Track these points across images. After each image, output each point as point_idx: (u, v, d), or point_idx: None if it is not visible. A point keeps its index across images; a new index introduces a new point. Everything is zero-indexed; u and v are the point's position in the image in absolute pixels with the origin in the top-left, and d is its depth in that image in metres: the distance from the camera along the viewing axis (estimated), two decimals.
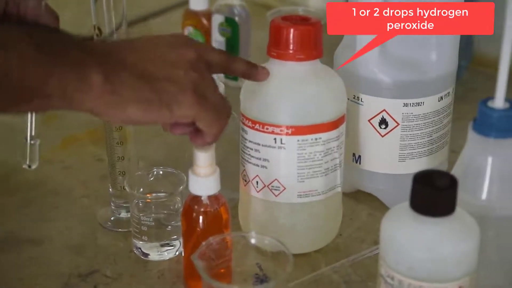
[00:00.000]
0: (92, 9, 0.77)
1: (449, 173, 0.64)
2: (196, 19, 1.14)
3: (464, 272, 0.63)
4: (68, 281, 0.77)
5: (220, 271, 0.70)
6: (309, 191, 0.77)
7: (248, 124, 0.76)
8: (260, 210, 0.79)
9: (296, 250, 0.75)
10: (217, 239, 0.69)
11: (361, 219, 0.86)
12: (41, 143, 1.00)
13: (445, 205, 0.63)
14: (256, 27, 1.15)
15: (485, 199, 0.67)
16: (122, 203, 0.85)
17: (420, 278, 0.63)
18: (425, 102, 0.82)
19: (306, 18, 0.76)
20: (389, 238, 0.65)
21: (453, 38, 0.82)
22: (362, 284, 0.76)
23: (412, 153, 0.84)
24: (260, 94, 0.75)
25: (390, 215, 0.66)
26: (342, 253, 0.81)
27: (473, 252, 0.64)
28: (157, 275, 0.78)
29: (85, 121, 1.04)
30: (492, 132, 0.66)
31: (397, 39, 0.82)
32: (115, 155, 0.83)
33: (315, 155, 0.76)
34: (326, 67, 0.78)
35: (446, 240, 0.63)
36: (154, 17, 1.37)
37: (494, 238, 0.68)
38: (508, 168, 0.67)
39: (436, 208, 0.63)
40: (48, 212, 0.88)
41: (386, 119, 0.82)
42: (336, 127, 0.76)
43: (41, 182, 0.93)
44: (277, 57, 0.75)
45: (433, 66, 0.82)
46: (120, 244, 0.82)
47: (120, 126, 0.81)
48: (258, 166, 0.77)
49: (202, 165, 0.72)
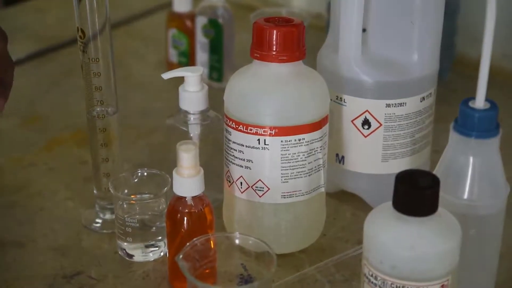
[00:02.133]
0: (76, 10, 0.77)
1: (431, 173, 0.64)
2: (179, 21, 1.14)
3: (446, 271, 0.64)
4: (53, 282, 0.77)
5: (205, 272, 0.70)
6: (292, 191, 0.77)
7: (232, 125, 0.76)
8: (244, 210, 0.79)
9: (280, 250, 0.75)
10: (202, 240, 0.69)
11: (345, 219, 0.86)
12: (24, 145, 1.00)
13: (427, 204, 0.63)
14: (240, 28, 1.15)
15: (466, 198, 0.68)
16: (106, 205, 0.85)
17: (403, 277, 0.63)
18: (407, 103, 0.82)
19: (289, 19, 0.76)
20: (373, 238, 0.65)
21: (434, 39, 0.83)
22: (346, 283, 0.77)
23: (395, 153, 0.84)
24: (243, 95, 0.75)
25: (373, 215, 0.66)
26: (326, 253, 0.81)
27: (455, 251, 0.64)
28: (142, 276, 0.78)
29: (70, 124, 1.04)
30: (473, 132, 0.67)
31: (379, 40, 0.83)
32: (100, 157, 0.83)
33: (299, 156, 0.76)
34: (309, 68, 0.78)
35: (429, 239, 0.63)
36: (137, 19, 1.37)
37: (475, 237, 0.68)
38: (488, 168, 0.68)
39: (419, 208, 0.63)
40: (32, 214, 0.87)
41: (369, 119, 0.83)
42: (319, 127, 0.76)
43: (25, 184, 0.93)
44: (260, 58, 0.75)
45: (415, 67, 0.82)
46: (105, 245, 0.82)
47: (104, 128, 0.81)
48: (242, 167, 0.77)
49: (186, 166, 0.72)
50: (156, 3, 1.40)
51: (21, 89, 1.15)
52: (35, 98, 1.12)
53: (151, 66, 1.22)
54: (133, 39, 1.31)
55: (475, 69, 0.67)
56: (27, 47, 1.27)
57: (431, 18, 0.81)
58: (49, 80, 1.18)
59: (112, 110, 0.82)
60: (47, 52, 1.26)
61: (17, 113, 1.08)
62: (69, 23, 0.88)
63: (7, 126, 1.05)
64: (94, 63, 0.79)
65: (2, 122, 1.06)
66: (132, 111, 1.07)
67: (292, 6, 1.36)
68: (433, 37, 0.83)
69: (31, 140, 1.02)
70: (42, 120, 1.07)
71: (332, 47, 0.83)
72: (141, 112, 1.08)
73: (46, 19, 1.40)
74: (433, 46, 0.83)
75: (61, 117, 1.07)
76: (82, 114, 0.83)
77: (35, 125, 1.06)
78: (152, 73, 1.19)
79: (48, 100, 1.12)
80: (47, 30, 1.35)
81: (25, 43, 1.28)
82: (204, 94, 0.83)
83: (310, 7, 1.33)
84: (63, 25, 1.33)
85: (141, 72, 1.20)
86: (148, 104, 1.11)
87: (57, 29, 1.33)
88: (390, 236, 0.64)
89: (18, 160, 0.98)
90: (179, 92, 0.83)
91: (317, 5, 1.31)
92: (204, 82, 0.83)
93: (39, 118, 1.07)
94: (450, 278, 0.64)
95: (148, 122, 1.06)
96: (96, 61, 0.79)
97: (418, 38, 0.81)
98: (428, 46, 0.82)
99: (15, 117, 1.07)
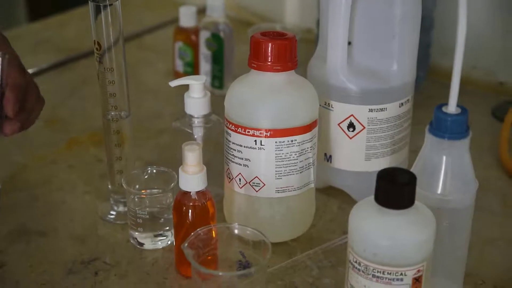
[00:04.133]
0: (92, 26, 0.77)
1: (409, 170, 0.64)
2: (185, 35, 1.14)
3: (422, 258, 0.64)
4: (72, 267, 0.77)
5: (207, 258, 0.70)
6: (286, 187, 0.77)
7: (232, 128, 0.76)
8: (242, 204, 0.79)
9: (275, 239, 0.75)
10: (204, 230, 0.69)
11: (332, 211, 0.86)
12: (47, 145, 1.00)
13: (405, 199, 0.63)
14: (239, 41, 1.15)
15: (440, 193, 0.68)
16: (120, 199, 0.85)
17: (384, 263, 0.63)
18: (387, 108, 0.82)
19: (283, 33, 0.76)
20: (357, 228, 0.65)
21: (412, 52, 0.83)
22: (333, 269, 0.77)
23: (377, 153, 0.84)
24: (242, 101, 0.75)
25: (357, 208, 0.66)
26: (315, 241, 0.81)
27: (430, 240, 0.64)
28: (152, 262, 0.78)
29: (87, 126, 1.04)
30: (446, 134, 0.66)
31: (363, 52, 0.82)
32: (114, 156, 0.83)
33: (291, 155, 0.76)
34: (300, 77, 0.78)
35: (406, 229, 0.63)
36: (148, 33, 1.37)
37: (447, 227, 0.68)
38: (460, 166, 0.68)
39: (398, 202, 0.63)
40: (54, 207, 0.87)
41: (354, 123, 0.83)
42: (309, 130, 0.76)
43: (47, 179, 0.92)
44: (257, 68, 0.75)
45: (394, 76, 0.82)
46: (118, 234, 0.82)
47: (118, 130, 0.81)
48: (240, 165, 0.77)
49: (191, 164, 0.72)
50: (164, 19, 1.40)
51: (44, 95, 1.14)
52: (56, 103, 1.12)
53: (160, 75, 1.22)
54: (144, 51, 1.30)
55: (448, 78, 0.67)
56: (49, 57, 1.26)
57: (409, 33, 0.81)
58: (69, 87, 1.17)
59: (125, 114, 0.81)
60: (67, 62, 1.25)
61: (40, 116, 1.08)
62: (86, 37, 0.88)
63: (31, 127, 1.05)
64: (109, 72, 0.79)
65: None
66: (142, 115, 1.07)
67: (285, 22, 1.35)
68: (411, 50, 0.83)
69: (52, 140, 1.02)
70: (63, 122, 1.06)
71: (321, 58, 0.83)
72: (151, 116, 1.08)
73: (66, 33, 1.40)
74: (411, 57, 0.83)
75: (80, 120, 1.07)
76: (98, 117, 0.83)
77: (56, 127, 1.05)
78: (161, 81, 1.19)
79: (68, 105, 1.12)
80: (67, 42, 1.34)
81: (48, 54, 1.28)
82: (207, 100, 0.83)
83: (301, 23, 1.33)
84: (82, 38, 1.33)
85: (151, 80, 1.20)
86: (157, 108, 1.11)
87: (76, 42, 1.33)
88: (372, 227, 0.64)
89: (41, 158, 0.97)
90: (185, 98, 0.83)
91: (308, 21, 1.31)
92: (207, 89, 0.83)
93: (60, 121, 1.07)
94: (425, 264, 0.64)
95: (157, 125, 1.05)
96: (111, 71, 0.78)
97: (398, 51, 0.81)
98: (406, 58, 0.82)
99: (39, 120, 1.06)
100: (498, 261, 0.78)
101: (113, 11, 0.76)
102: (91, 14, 0.76)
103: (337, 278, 0.75)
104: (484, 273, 0.76)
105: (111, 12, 0.76)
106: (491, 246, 0.80)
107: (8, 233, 0.82)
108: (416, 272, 0.64)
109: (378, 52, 0.82)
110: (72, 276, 0.76)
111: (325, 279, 0.75)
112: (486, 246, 0.80)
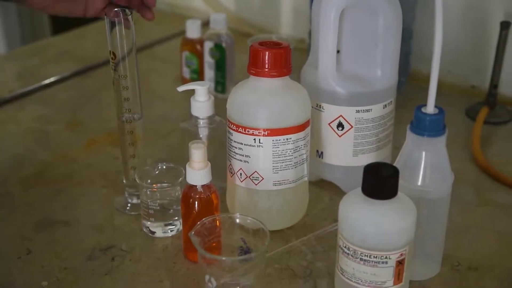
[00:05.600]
0: (108, 37, 0.76)
1: (392, 165, 0.64)
2: (191, 45, 1.14)
3: (404, 243, 0.64)
4: (92, 253, 0.76)
5: (212, 245, 0.69)
6: (282, 180, 0.77)
7: (233, 128, 0.76)
8: (243, 196, 0.79)
9: (272, 227, 0.75)
10: (209, 220, 0.69)
11: (324, 202, 0.86)
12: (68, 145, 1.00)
13: (389, 190, 0.63)
14: (239, 50, 1.15)
15: (420, 185, 0.68)
16: (133, 192, 0.84)
17: (370, 248, 0.63)
18: (373, 109, 0.82)
19: (278, 43, 0.76)
20: (346, 217, 0.65)
21: (394, 59, 0.83)
22: (325, 253, 0.76)
23: (363, 149, 0.84)
24: (242, 104, 0.75)
25: (346, 198, 0.66)
26: (309, 229, 0.81)
27: (411, 227, 0.64)
28: (162, 249, 0.78)
29: (104, 127, 1.04)
30: (425, 132, 0.66)
31: (350, 60, 0.82)
32: (128, 153, 0.82)
33: (287, 152, 0.76)
34: (294, 82, 0.77)
35: (390, 217, 0.63)
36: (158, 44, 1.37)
37: (427, 215, 0.68)
38: (437, 160, 0.68)
39: (382, 193, 0.63)
40: (75, 200, 0.87)
41: (342, 122, 0.82)
42: (303, 129, 0.76)
43: (69, 176, 0.92)
44: (255, 74, 0.75)
45: (378, 80, 0.82)
46: (133, 224, 0.82)
47: (131, 131, 0.81)
48: (241, 161, 0.77)
49: (197, 161, 0.71)
50: (172, 31, 1.39)
51: (66, 100, 1.14)
52: (77, 107, 1.12)
53: (169, 81, 1.21)
54: (154, 60, 1.30)
55: (426, 83, 0.67)
56: (70, 67, 1.26)
57: (391, 43, 0.81)
58: (87, 93, 1.17)
59: (138, 116, 0.81)
60: (86, 71, 1.25)
61: (62, 119, 1.08)
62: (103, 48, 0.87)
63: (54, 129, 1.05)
64: (123, 79, 0.78)
65: (50, 126, 1.05)
66: (153, 117, 1.07)
67: (281, 32, 1.35)
68: (393, 58, 0.82)
69: (73, 140, 1.02)
70: (82, 124, 1.06)
71: (313, 65, 0.83)
72: (161, 118, 1.08)
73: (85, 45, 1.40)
74: (393, 64, 0.83)
75: (97, 122, 1.07)
76: (113, 120, 0.83)
77: (77, 128, 1.05)
78: (170, 86, 1.18)
79: (87, 109, 1.12)
80: (86, 53, 1.34)
81: (69, 64, 1.28)
82: (211, 103, 0.82)
83: (295, 34, 1.33)
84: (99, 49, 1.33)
85: (161, 86, 1.20)
86: (166, 111, 1.11)
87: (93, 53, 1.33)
88: (359, 215, 0.64)
89: (63, 156, 0.97)
90: (191, 101, 0.82)
91: (301, 32, 1.30)
92: (211, 93, 0.83)
93: (79, 123, 1.07)
94: (407, 248, 0.64)
95: (166, 126, 1.05)
96: (125, 78, 0.78)
97: (381, 58, 0.81)
98: (389, 65, 0.82)
99: (61, 122, 1.07)
100: (472, 245, 0.78)
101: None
102: (107, 28, 0.76)
103: (328, 261, 0.75)
104: (460, 255, 0.76)
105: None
106: (466, 232, 0.80)
107: (35, 223, 0.82)
108: (399, 255, 0.64)
109: (364, 59, 0.82)
110: (92, 261, 0.75)
111: (318, 262, 0.75)
112: (461, 232, 0.80)
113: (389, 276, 0.64)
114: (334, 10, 0.78)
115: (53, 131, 1.05)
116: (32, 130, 1.04)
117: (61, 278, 0.73)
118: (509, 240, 0.79)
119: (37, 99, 1.14)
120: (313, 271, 0.74)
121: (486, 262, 0.75)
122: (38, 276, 0.73)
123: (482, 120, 1.02)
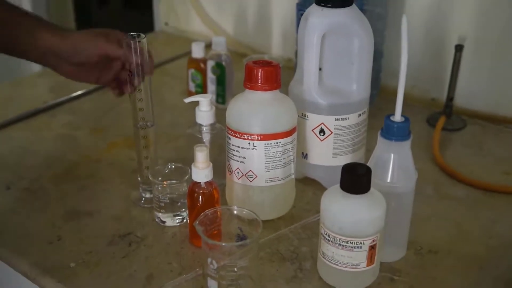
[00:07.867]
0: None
1: (366, 164, 0.64)
2: (196, 63, 1.14)
3: (376, 230, 0.63)
4: (112, 239, 0.76)
5: (214, 233, 0.69)
6: (273, 178, 0.77)
7: (231, 133, 0.76)
8: (240, 191, 0.78)
9: (264, 218, 0.75)
10: (211, 211, 0.68)
11: (308, 196, 0.86)
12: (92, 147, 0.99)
13: (363, 186, 0.63)
14: (237, 68, 1.14)
15: (389, 181, 0.68)
16: (147, 188, 0.84)
17: (347, 235, 0.63)
18: (349, 118, 0.82)
19: (270, 62, 0.75)
20: (326, 209, 0.65)
21: (367, 75, 0.82)
22: (309, 240, 0.76)
23: (341, 151, 0.83)
24: (239, 113, 0.75)
25: (327, 193, 0.66)
26: (295, 219, 0.80)
27: (382, 217, 0.64)
28: (171, 236, 0.77)
29: (122, 133, 1.04)
30: (393, 137, 0.66)
31: (330, 75, 0.82)
32: (142, 155, 0.82)
33: (277, 154, 0.75)
34: (283, 94, 0.77)
35: (364, 209, 0.63)
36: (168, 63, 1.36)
37: (395, 207, 0.68)
38: (404, 161, 0.68)
39: (357, 188, 0.63)
40: (97, 194, 0.86)
41: (324, 129, 0.82)
42: (290, 134, 0.76)
43: (93, 174, 0.91)
44: (250, 88, 0.74)
45: (354, 93, 0.81)
46: (146, 215, 0.81)
47: (145, 136, 0.80)
48: (238, 161, 0.76)
49: (200, 161, 0.71)
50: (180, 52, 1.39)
51: (91, 109, 1.14)
52: (99, 116, 1.11)
53: (177, 94, 1.21)
54: (165, 76, 1.30)
55: (394, 95, 0.67)
56: None
57: (364, 62, 0.81)
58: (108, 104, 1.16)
59: (150, 123, 0.81)
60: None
61: (87, 125, 1.07)
62: None
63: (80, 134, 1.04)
64: (138, 92, 0.78)
65: (77, 131, 1.05)
66: (164, 124, 1.06)
67: (272, 53, 1.35)
68: (366, 74, 0.82)
69: (96, 143, 1.01)
70: (104, 130, 1.06)
71: (299, 81, 0.83)
72: (170, 125, 1.07)
73: None
74: (366, 79, 0.83)
75: (116, 128, 1.06)
76: (130, 126, 0.82)
77: (99, 133, 1.04)
78: (178, 98, 1.18)
79: (108, 117, 1.11)
80: None
81: None
82: (212, 112, 0.82)
83: (284, 54, 1.32)
84: None
85: (170, 98, 1.19)
86: (175, 119, 1.10)
87: None
88: (338, 208, 0.63)
89: (87, 157, 0.96)
90: (196, 111, 0.82)
91: (288, 52, 1.30)
92: (212, 104, 0.83)
93: (102, 129, 1.06)
94: (378, 235, 0.64)
95: (175, 132, 1.05)
96: (140, 91, 0.78)
97: (356, 75, 0.81)
98: (363, 80, 0.82)
99: (86, 128, 1.06)
100: (432, 232, 0.78)
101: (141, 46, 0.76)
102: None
103: (312, 247, 0.74)
104: (422, 241, 0.75)
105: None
106: (427, 221, 0.80)
107: (63, 213, 0.81)
108: (371, 241, 0.63)
109: (342, 76, 0.81)
110: (112, 246, 0.75)
111: (303, 247, 0.75)
112: (423, 221, 0.79)
113: (363, 259, 0.64)
114: (317, 34, 0.78)
115: (80, 135, 1.04)
116: (62, 135, 1.04)
117: (86, 260, 0.73)
118: (464, 228, 0.79)
119: (67, 109, 1.14)
120: (299, 255, 0.73)
121: (445, 246, 0.75)
122: (66, 258, 0.73)
123: (441, 127, 1.02)
